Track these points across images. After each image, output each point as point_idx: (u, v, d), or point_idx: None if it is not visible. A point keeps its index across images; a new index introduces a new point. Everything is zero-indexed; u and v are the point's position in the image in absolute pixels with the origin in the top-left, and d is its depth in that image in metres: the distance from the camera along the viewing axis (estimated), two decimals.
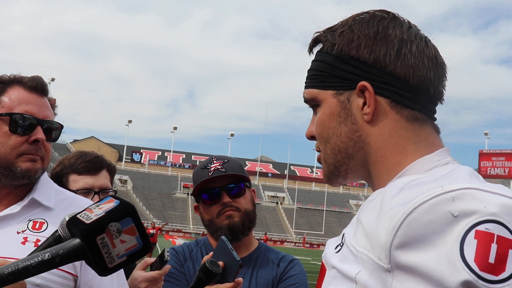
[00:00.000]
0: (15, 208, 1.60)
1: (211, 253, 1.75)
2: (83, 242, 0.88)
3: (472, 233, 0.74)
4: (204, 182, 2.02)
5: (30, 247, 1.45)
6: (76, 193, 2.16)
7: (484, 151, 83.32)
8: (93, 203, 0.89)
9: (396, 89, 0.98)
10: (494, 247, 0.73)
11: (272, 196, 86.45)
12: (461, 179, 0.85)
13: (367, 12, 1.04)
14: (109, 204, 0.92)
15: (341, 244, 0.93)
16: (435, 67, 0.99)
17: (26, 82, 1.62)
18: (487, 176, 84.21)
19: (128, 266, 0.93)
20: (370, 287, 0.82)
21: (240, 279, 1.70)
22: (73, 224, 0.92)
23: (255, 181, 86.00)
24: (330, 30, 1.05)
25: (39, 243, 1.28)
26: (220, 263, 1.65)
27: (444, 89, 1.03)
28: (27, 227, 1.57)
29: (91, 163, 2.33)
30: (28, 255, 0.88)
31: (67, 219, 1.13)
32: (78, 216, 0.92)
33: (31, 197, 1.62)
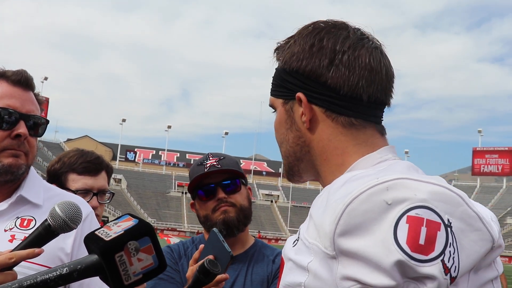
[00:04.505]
0: (2, 205, 1.57)
1: (202, 245, 1.73)
2: (102, 258, 0.89)
3: (404, 219, 0.82)
4: (200, 178, 2.02)
5: None
6: (75, 193, 2.12)
7: (477, 149, 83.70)
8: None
9: (328, 98, 1.04)
10: (423, 230, 0.81)
11: (266, 194, 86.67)
12: (396, 171, 0.93)
13: (313, 24, 1.10)
14: (128, 223, 0.93)
15: (297, 239, 0.98)
16: (368, 75, 1.03)
17: (10, 76, 1.59)
18: (480, 173, 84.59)
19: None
20: (320, 273, 0.87)
21: (227, 274, 1.67)
22: (92, 240, 0.93)
23: (249, 179, 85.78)
24: (285, 41, 1.12)
25: None
26: (210, 256, 1.63)
27: (389, 93, 1.08)
28: (15, 224, 1.55)
29: (91, 164, 2.28)
30: (44, 270, 0.88)
31: (56, 208, 1.15)
32: (96, 232, 0.93)
33: (18, 194, 1.59)
